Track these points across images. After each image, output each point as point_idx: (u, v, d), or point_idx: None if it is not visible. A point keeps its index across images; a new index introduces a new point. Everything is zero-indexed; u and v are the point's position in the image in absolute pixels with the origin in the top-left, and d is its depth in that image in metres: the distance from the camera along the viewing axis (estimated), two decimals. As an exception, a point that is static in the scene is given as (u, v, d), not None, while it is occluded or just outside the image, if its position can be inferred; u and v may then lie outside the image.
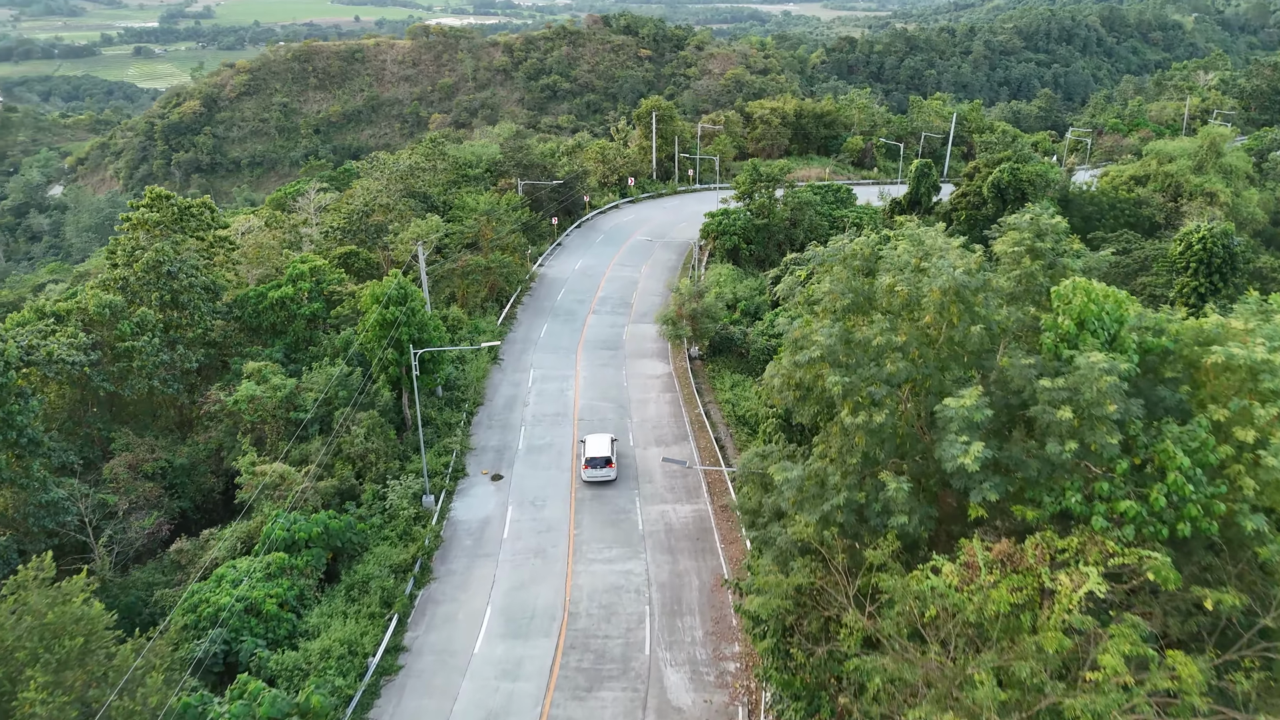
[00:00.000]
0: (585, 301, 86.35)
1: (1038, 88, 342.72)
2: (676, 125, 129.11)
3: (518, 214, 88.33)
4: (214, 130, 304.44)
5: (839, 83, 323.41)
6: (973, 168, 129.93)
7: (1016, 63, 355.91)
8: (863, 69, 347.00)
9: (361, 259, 76.70)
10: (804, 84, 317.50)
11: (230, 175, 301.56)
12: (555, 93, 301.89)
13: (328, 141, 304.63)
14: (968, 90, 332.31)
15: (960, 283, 26.48)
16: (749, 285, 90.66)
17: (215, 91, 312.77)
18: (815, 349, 28.35)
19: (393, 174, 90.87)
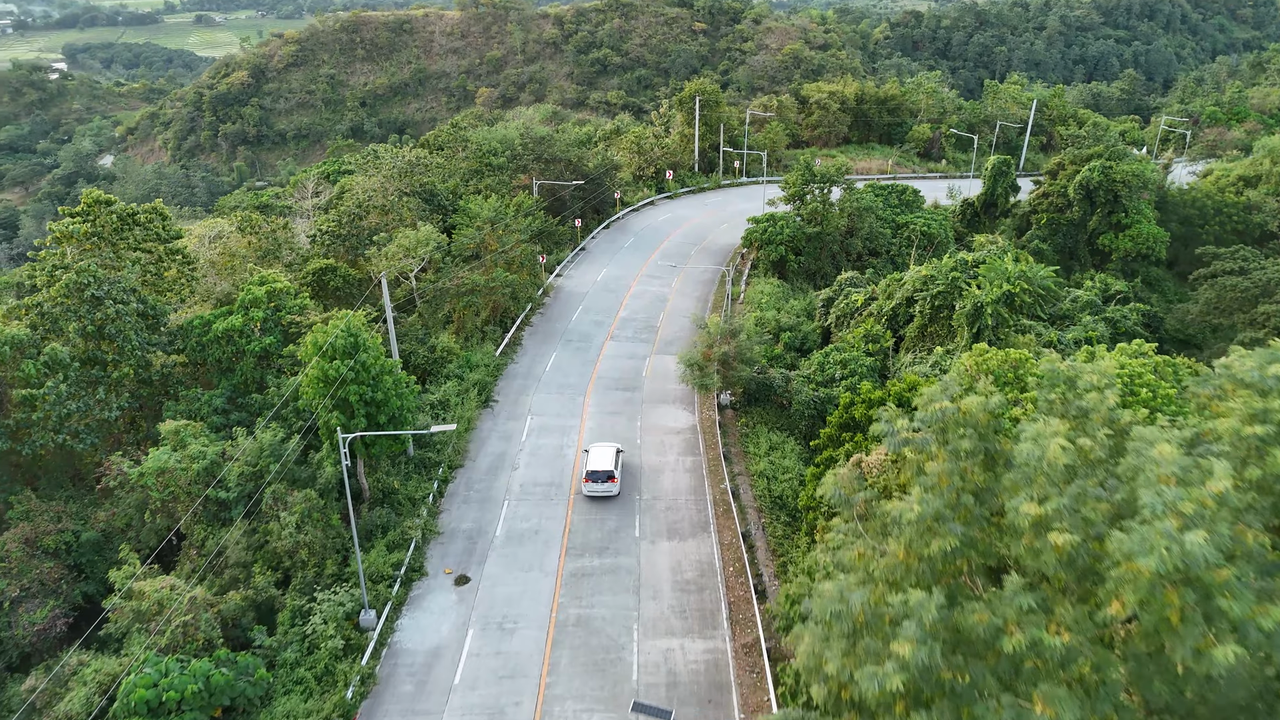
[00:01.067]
0: (604, 323, 73.33)
1: (1117, 67, 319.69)
2: (723, 111, 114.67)
3: (529, 221, 75.36)
4: (261, 102, 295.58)
5: (903, 60, 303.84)
6: (1055, 164, 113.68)
7: (1094, 40, 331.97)
8: (928, 45, 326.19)
9: (340, 276, 64.45)
10: (866, 60, 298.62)
11: (276, 148, 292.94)
12: (605, 67, 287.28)
13: (373, 115, 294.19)
14: (1040, 69, 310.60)
15: (1192, 561, 12.75)
16: (796, 306, 76.91)
17: (263, 62, 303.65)
18: (893, 670, 14.46)
19: (390, 171, 78.36)
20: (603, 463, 49.27)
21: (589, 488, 48.93)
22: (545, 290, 78.82)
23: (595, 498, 49.25)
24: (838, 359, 59.45)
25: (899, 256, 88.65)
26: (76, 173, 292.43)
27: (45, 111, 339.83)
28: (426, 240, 65.00)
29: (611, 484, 48.88)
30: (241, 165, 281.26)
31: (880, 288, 70.18)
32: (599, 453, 50.16)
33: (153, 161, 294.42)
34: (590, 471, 48.93)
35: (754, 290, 79.12)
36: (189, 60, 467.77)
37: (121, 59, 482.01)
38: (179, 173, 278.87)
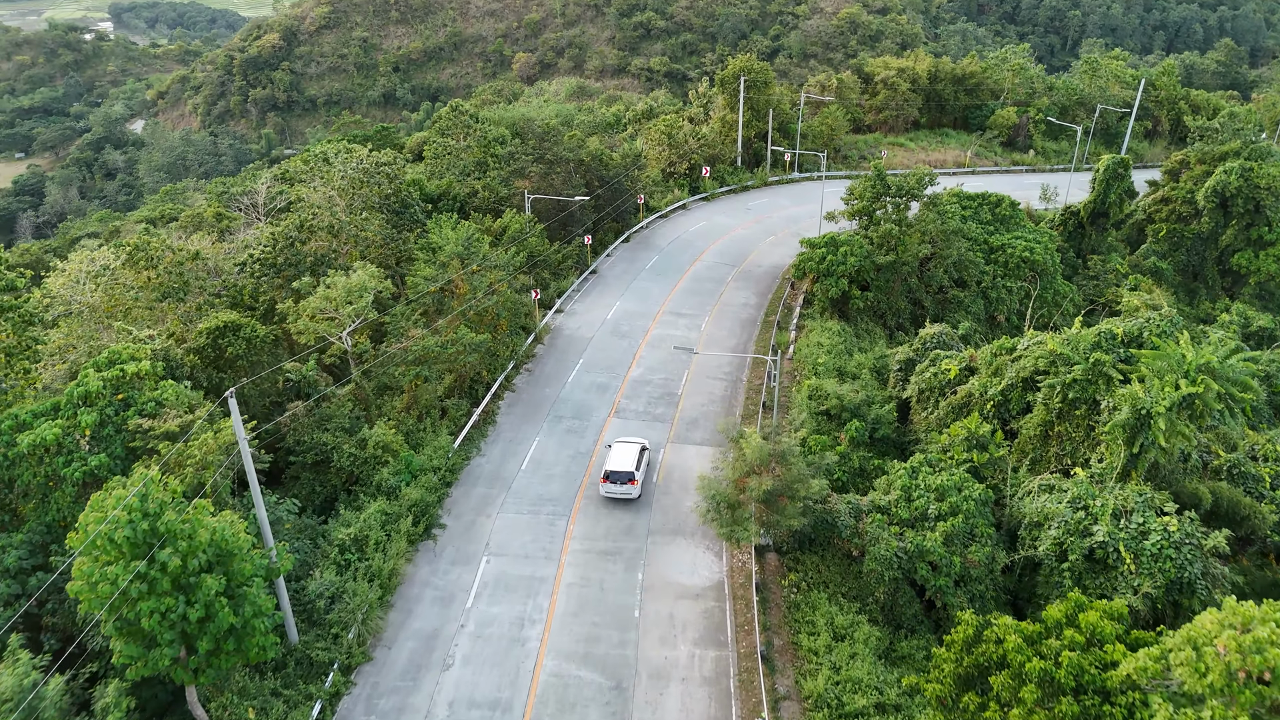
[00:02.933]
0: (608, 388, 54.35)
1: (1201, 35, 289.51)
2: (772, 93, 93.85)
3: (512, 255, 56.01)
4: (292, 66, 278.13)
5: (968, 25, 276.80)
6: (1178, 161, 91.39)
7: (1174, 3, 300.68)
8: (995, 9, 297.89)
9: (244, 339, 45.96)
10: (928, 26, 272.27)
11: (306, 114, 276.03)
12: (649, 31, 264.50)
13: (406, 80, 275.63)
14: (1116, 35, 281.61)
15: None
16: (864, 364, 57.28)
17: (295, 24, 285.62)
18: None
19: (341, 182, 59.30)
20: (624, 463, 44.41)
21: (606, 488, 44.18)
22: (538, 336, 59.91)
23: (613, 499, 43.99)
24: (932, 483, 40.02)
25: (992, 290, 68.18)
26: (105, 138, 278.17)
27: (80, 73, 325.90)
28: (361, 290, 46.30)
29: (632, 486, 44.01)
30: (270, 133, 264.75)
31: (983, 357, 50.22)
32: (621, 452, 45.33)
33: (182, 127, 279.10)
34: (610, 472, 44.16)
35: (809, 340, 59.48)
36: (232, 20, 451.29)
37: (166, 18, 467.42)
38: (207, 140, 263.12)
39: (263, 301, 56.54)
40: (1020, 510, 40.30)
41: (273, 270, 56.14)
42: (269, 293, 56.56)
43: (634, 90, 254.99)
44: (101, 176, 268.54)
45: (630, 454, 45.02)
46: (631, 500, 44.20)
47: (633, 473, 44.12)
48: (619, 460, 44.67)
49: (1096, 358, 42.96)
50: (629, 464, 44.43)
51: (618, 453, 45.32)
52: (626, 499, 44.18)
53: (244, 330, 46.06)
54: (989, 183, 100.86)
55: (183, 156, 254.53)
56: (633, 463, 44.56)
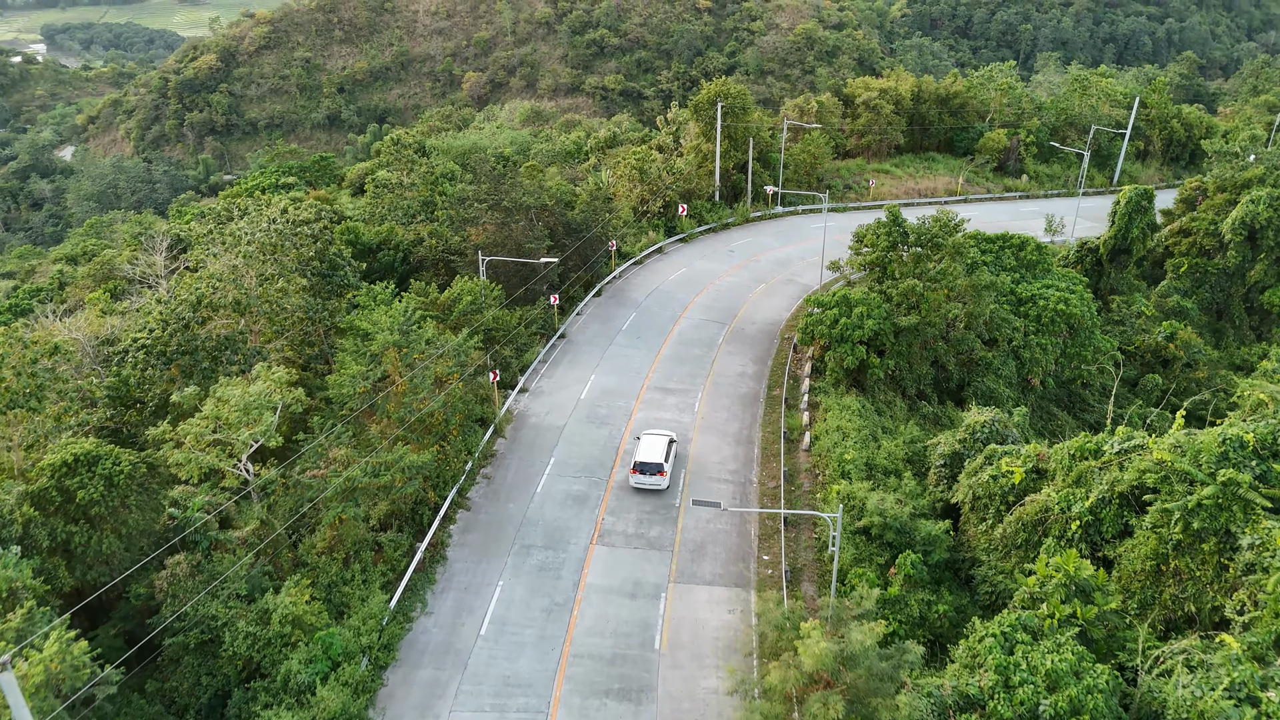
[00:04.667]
0: (588, 500, 42.75)
1: (1149, 46, 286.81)
2: (751, 119, 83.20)
3: (463, 339, 43.97)
4: (230, 88, 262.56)
5: (923, 40, 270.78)
6: (1193, 189, 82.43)
7: (1123, 16, 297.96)
8: (948, 23, 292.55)
9: (100, 481, 33.51)
10: (883, 40, 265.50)
11: (247, 138, 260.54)
12: (602, 49, 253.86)
13: (352, 102, 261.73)
14: (1068, 49, 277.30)
15: None
16: (894, 454, 46.50)
17: (233, 45, 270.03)
18: None
19: (250, 248, 46.77)
20: (653, 454, 43.52)
21: (636, 479, 43.25)
22: (498, 428, 48.14)
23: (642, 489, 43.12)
24: (1037, 663, 29.12)
25: (1024, 349, 57.89)
26: (32, 166, 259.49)
27: (6, 98, 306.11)
28: (262, 406, 34.27)
29: (661, 477, 43.14)
30: (208, 158, 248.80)
31: (1057, 459, 39.53)
32: (650, 443, 44.41)
33: (114, 153, 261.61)
34: (639, 463, 43.17)
35: (826, 424, 48.45)
36: (171, 41, 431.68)
37: (101, 40, 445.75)
38: (140, 166, 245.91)
39: (151, 397, 44.28)
40: (1158, 698, 29.54)
41: (162, 360, 43.82)
42: (159, 385, 44.32)
43: (589, 109, 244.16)
44: (28, 207, 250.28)
45: (659, 445, 44.27)
46: (641, 660, 32.73)
47: (661, 464, 43.16)
48: (648, 451, 43.76)
49: (1229, 477, 32.47)
50: (658, 455, 43.54)
51: (647, 444, 44.42)
52: (656, 489, 43.42)
53: (102, 465, 33.69)
54: (985, 212, 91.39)
55: (114, 185, 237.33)
56: (662, 454, 43.66)
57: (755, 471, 45.67)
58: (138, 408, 45.95)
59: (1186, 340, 65.25)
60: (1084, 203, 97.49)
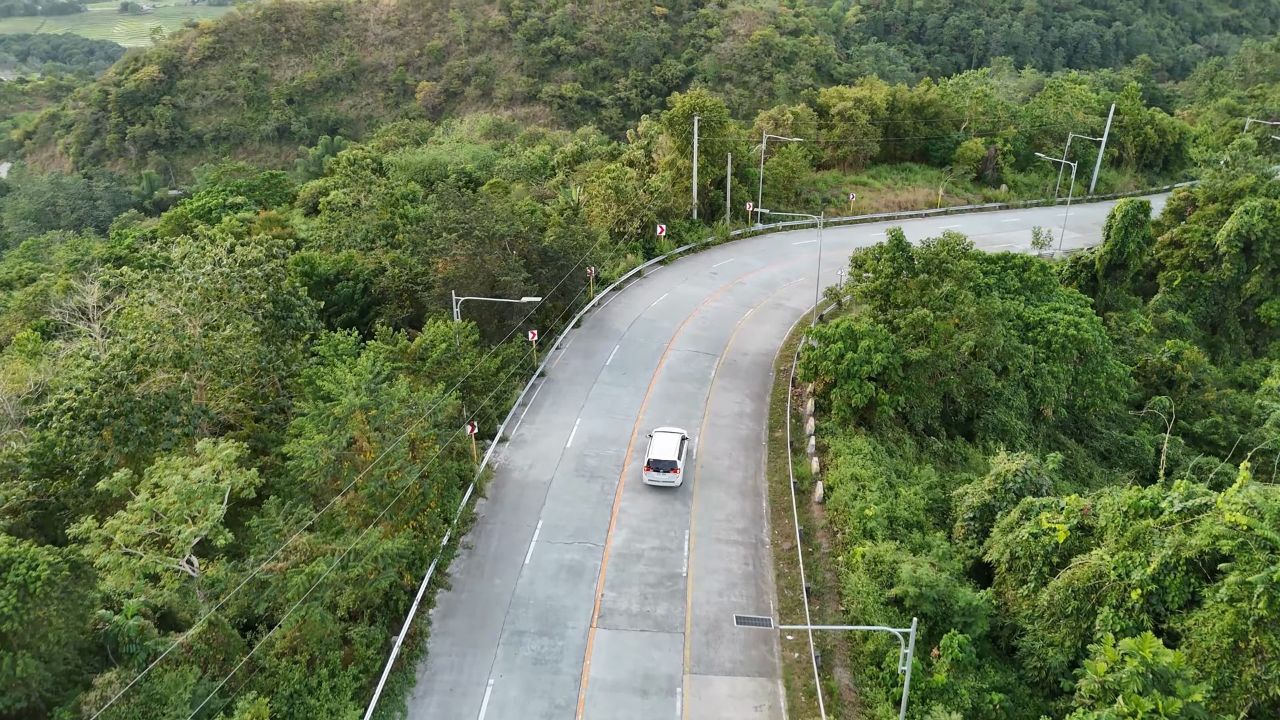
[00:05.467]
0: (583, 571, 37.76)
1: (1097, 49, 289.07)
2: (728, 133, 78.85)
3: (439, 395, 38.62)
4: (174, 100, 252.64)
5: (879, 45, 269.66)
6: (1182, 199, 79.74)
7: (1072, 20, 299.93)
8: (902, 28, 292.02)
9: (15, 582, 27.82)
10: (839, 46, 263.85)
11: (192, 151, 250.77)
12: (558, 57, 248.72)
13: (302, 113, 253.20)
14: (1019, 52, 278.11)
15: None
16: (914, 504, 42.23)
17: (176, 56, 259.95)
18: None
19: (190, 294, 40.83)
20: (666, 452, 42.89)
21: (650, 477, 42.78)
22: (478, 487, 42.93)
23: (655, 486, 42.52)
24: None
25: (1035, 378, 54.06)
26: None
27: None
28: (206, 493, 28.83)
29: (674, 475, 42.48)
30: (152, 173, 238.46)
31: (1107, 516, 35.42)
32: (663, 440, 43.86)
33: (53, 169, 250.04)
34: (653, 460, 42.62)
35: (838, 471, 43.98)
36: (111, 52, 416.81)
37: (39, 51, 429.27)
38: (80, 183, 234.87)
39: (80, 465, 38.51)
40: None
41: (92, 425, 38.00)
42: (90, 452, 38.57)
43: (546, 118, 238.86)
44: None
45: (672, 443, 43.96)
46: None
47: (675, 461, 42.91)
48: (661, 449, 43.53)
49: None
50: (671, 453, 43.25)
51: (660, 441, 44.16)
52: (669, 486, 43.09)
53: (15, 571, 27.98)
54: (966, 225, 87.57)
55: (52, 202, 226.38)
56: (675, 451, 43.39)
57: (766, 529, 41.05)
58: (66, 475, 40.22)
59: (1193, 360, 62.08)
60: (1063, 212, 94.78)
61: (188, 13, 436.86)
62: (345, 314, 62.49)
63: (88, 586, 30.21)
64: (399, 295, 61.82)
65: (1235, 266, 71.82)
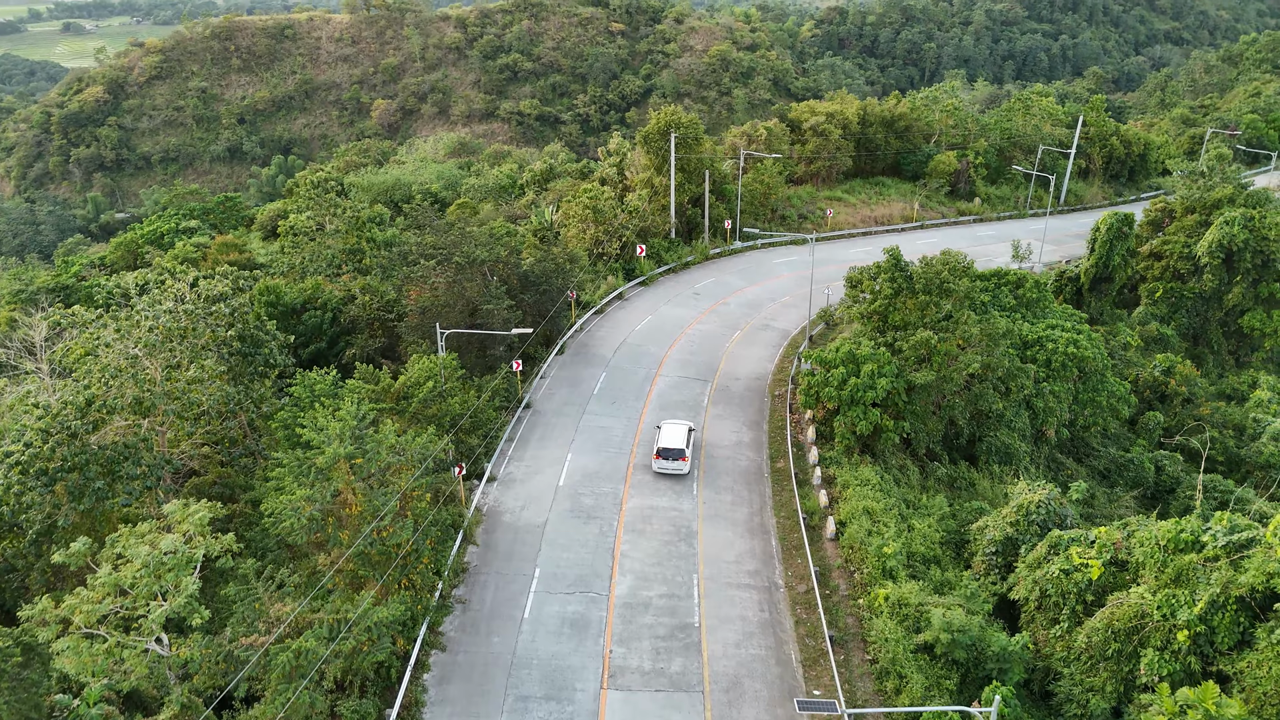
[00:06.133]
0: (588, 626, 34.82)
1: (1045, 62, 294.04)
2: (704, 150, 76.79)
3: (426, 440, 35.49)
4: (120, 121, 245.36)
5: (834, 59, 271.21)
6: (1160, 210, 79.31)
7: (1020, 34, 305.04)
8: (855, 42, 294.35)
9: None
10: (796, 61, 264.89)
11: (140, 173, 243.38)
12: (516, 73, 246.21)
13: (254, 133, 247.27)
14: (970, 65, 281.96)
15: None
16: (929, 536, 40.08)
17: (122, 76, 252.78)
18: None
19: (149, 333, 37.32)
20: (675, 441, 44.34)
21: (659, 464, 44.11)
22: (468, 533, 39.85)
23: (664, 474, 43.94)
24: None
25: (1037, 398, 52.38)
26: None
27: None
28: (178, 564, 25.55)
29: (682, 462, 43.92)
30: (98, 196, 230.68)
31: (1143, 550, 33.46)
32: (671, 430, 45.29)
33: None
34: (661, 449, 44.04)
35: (849, 504, 41.65)
36: (53, 72, 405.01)
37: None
38: (22, 207, 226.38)
39: (31, 522, 34.82)
40: None
41: (43, 480, 34.34)
42: (42, 510, 34.90)
43: (505, 135, 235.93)
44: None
45: (680, 432, 45.23)
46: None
47: (683, 449, 44.03)
48: (670, 438, 44.80)
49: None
50: (679, 441, 44.47)
51: (668, 431, 45.50)
52: (678, 474, 44.22)
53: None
54: (944, 239, 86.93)
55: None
56: (683, 440, 44.61)
57: (779, 571, 38.54)
58: (14, 534, 36.49)
59: (1186, 375, 61.02)
60: (1036, 224, 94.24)
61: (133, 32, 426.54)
62: (313, 345, 59.08)
63: (42, 672, 26.70)
64: (370, 324, 58.62)
65: (1217, 277, 71.22)
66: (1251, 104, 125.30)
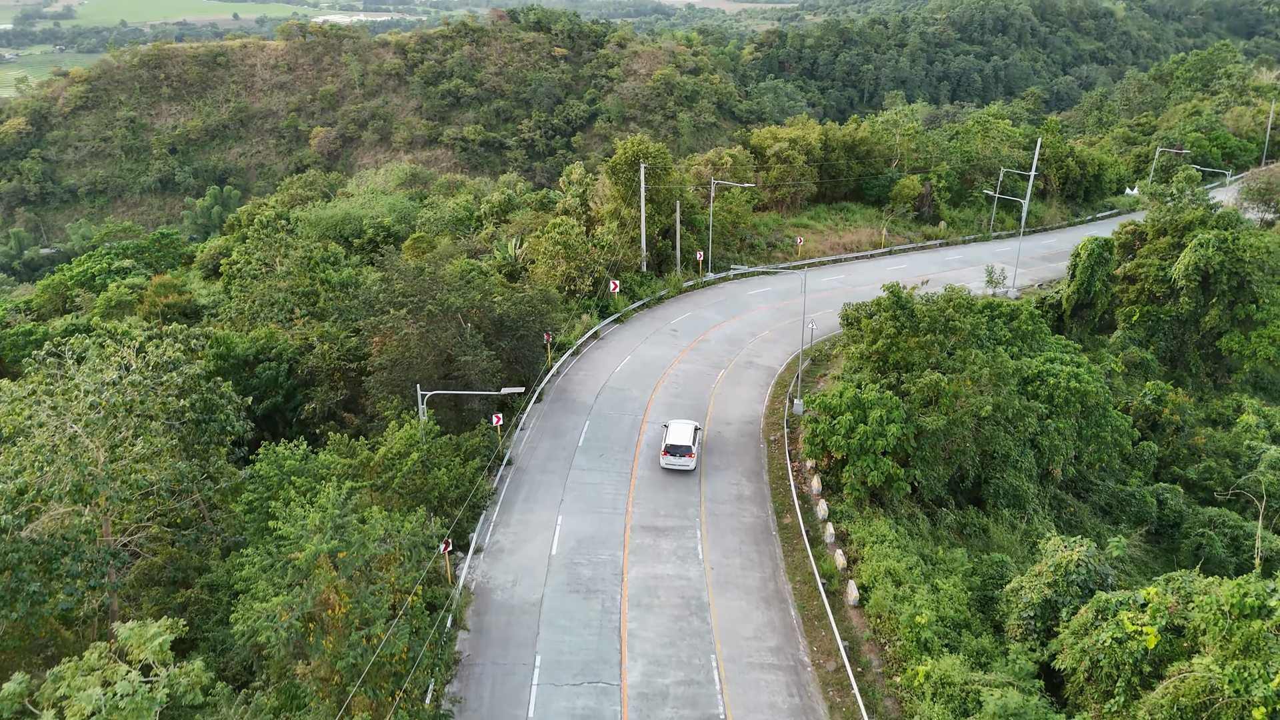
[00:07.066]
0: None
1: (978, 83, 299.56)
2: (674, 180, 73.85)
3: (417, 526, 31.21)
4: (44, 153, 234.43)
5: (776, 81, 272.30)
6: (1130, 233, 78.59)
7: (953, 55, 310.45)
8: (795, 65, 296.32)
9: None
10: (738, 84, 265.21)
11: (66, 206, 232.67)
12: (458, 99, 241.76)
13: (187, 163, 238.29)
14: (907, 86, 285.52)
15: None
16: (956, 597, 37.08)
17: (45, 107, 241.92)
18: None
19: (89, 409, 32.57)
20: (682, 438, 46.07)
21: (667, 460, 45.82)
22: (457, 616, 35.66)
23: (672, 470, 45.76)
24: None
25: (1042, 436, 50.11)
26: None
27: None
28: (139, 708, 21.13)
29: (688, 459, 45.58)
30: (21, 231, 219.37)
31: (1203, 616, 30.81)
32: (678, 428, 46.98)
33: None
34: (669, 445, 45.78)
35: (870, 564, 38.51)
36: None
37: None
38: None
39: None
40: None
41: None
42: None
43: (449, 161, 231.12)
44: None
45: (687, 430, 46.82)
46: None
47: (690, 446, 45.64)
48: (677, 435, 46.31)
49: None
50: (686, 439, 46.05)
51: (676, 429, 46.96)
52: (684, 470, 45.74)
53: None
54: (914, 264, 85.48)
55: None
56: (690, 438, 46.19)
57: (803, 646, 35.13)
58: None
59: (1178, 403, 59.55)
60: (1001, 246, 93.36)
61: (56, 60, 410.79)
62: (269, 400, 54.25)
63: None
64: (331, 375, 53.98)
65: (1193, 300, 70.36)
66: (1194, 122, 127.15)
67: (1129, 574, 43.01)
